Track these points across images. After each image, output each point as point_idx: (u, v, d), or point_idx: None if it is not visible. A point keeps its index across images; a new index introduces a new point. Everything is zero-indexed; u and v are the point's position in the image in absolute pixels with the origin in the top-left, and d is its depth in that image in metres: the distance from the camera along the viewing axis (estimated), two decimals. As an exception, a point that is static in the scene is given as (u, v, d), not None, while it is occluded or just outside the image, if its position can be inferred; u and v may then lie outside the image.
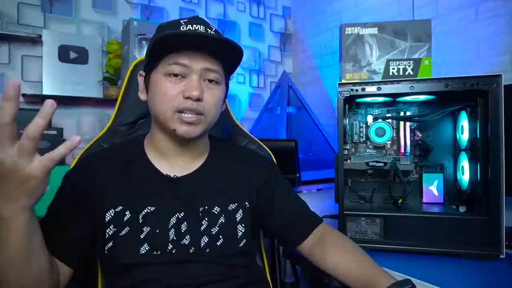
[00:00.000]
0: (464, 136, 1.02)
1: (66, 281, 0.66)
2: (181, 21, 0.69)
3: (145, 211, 0.69)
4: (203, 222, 0.71)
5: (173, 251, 0.67)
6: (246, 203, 0.76)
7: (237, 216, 0.74)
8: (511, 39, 1.37)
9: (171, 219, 0.69)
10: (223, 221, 0.72)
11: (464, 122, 1.02)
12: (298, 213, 0.83)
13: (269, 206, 0.81)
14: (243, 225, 0.74)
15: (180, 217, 0.70)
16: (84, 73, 1.90)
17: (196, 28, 0.68)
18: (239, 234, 0.73)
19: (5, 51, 1.76)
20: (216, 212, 0.72)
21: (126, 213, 0.68)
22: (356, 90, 0.99)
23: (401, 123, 1.11)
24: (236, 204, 0.75)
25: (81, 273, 0.69)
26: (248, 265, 0.76)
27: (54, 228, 0.66)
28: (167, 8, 2.23)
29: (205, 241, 0.70)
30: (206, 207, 0.72)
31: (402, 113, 1.11)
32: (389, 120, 1.11)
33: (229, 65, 0.73)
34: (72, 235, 0.67)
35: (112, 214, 0.68)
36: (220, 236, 0.71)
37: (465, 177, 1.01)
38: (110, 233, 0.67)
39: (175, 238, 0.68)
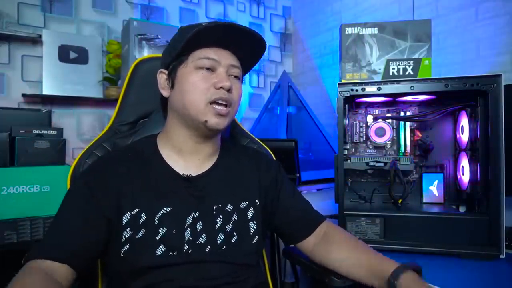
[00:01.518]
0: (464, 136, 1.02)
1: (69, 285, 0.63)
2: (203, 24, 0.71)
3: (162, 212, 0.69)
4: (217, 220, 0.72)
5: (189, 251, 0.68)
6: (257, 201, 0.78)
7: (248, 214, 0.76)
8: (511, 39, 1.37)
9: (188, 219, 0.70)
10: (236, 218, 0.74)
11: (464, 122, 1.02)
12: (302, 211, 0.85)
13: (275, 205, 0.83)
14: (254, 222, 0.76)
15: (195, 216, 0.71)
16: (84, 73, 1.90)
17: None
18: (252, 231, 0.75)
19: (5, 51, 1.76)
20: (229, 210, 0.74)
21: (142, 215, 0.68)
22: (356, 90, 0.99)
23: (401, 123, 1.11)
24: (247, 202, 0.77)
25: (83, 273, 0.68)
26: (257, 266, 0.78)
27: (64, 232, 0.65)
28: (167, 8, 2.23)
29: (221, 238, 0.71)
30: (220, 205, 0.73)
31: (402, 113, 1.11)
32: (389, 120, 1.11)
33: (246, 65, 0.79)
34: (84, 239, 0.65)
35: (129, 217, 0.67)
36: (234, 233, 0.73)
37: (465, 177, 1.01)
38: (126, 236, 0.66)
39: (190, 238, 0.69)
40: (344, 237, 0.80)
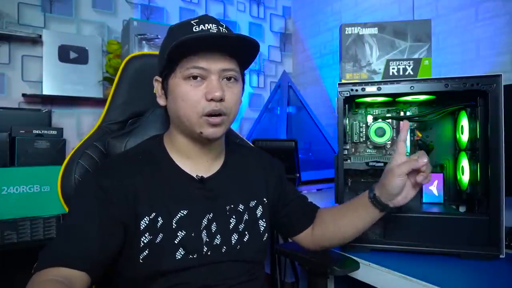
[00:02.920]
0: (464, 136, 1.01)
1: None
2: (192, 22, 0.69)
3: (179, 215, 0.68)
4: (231, 220, 0.73)
5: (208, 253, 0.68)
6: (264, 199, 0.80)
7: (257, 212, 0.78)
8: (511, 39, 1.37)
9: (203, 221, 0.70)
10: (247, 217, 0.75)
11: (464, 122, 1.02)
12: (303, 201, 0.90)
13: (282, 201, 0.86)
14: (263, 220, 0.78)
15: (210, 218, 0.71)
16: (84, 73, 1.90)
17: (209, 27, 0.67)
18: (261, 229, 0.77)
19: (5, 51, 1.76)
20: (241, 210, 0.75)
21: (159, 219, 0.66)
22: (356, 90, 0.99)
23: (401, 123, 1.10)
24: (255, 201, 0.79)
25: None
26: (263, 264, 0.81)
27: (80, 237, 0.62)
28: (167, 8, 2.23)
29: (235, 238, 0.72)
30: (232, 206, 0.74)
31: (402, 113, 1.11)
32: (389, 120, 1.11)
33: (244, 60, 0.74)
34: (102, 245, 0.63)
35: (147, 222, 0.65)
36: (246, 232, 0.74)
37: (465, 177, 1.01)
38: (145, 241, 0.65)
39: (207, 239, 0.69)
40: (326, 210, 0.87)
